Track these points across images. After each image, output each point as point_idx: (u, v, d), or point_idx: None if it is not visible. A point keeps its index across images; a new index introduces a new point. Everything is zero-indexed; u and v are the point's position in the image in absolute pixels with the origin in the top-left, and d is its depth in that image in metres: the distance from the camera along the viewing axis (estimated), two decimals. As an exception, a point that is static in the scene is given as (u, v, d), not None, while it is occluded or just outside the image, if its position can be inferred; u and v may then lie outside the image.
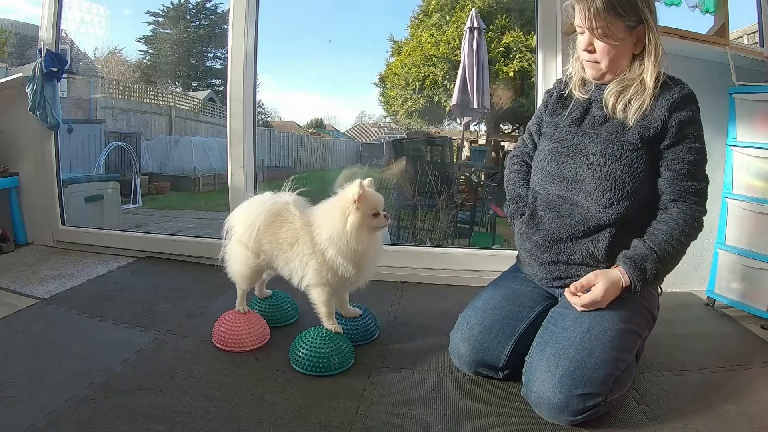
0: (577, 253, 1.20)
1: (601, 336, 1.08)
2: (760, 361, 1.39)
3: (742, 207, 1.72)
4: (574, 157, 1.21)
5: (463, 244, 3.15)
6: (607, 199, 1.15)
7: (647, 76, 1.15)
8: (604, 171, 1.15)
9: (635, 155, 1.15)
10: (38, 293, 1.83)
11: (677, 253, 1.13)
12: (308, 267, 1.32)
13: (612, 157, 1.15)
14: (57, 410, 1.09)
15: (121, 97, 6.95)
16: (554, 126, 1.30)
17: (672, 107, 1.14)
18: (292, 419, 1.09)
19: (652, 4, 1.17)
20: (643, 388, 1.23)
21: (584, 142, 1.21)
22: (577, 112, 1.26)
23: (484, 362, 1.23)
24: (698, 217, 1.16)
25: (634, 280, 1.10)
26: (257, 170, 2.29)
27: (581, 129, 1.24)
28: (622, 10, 1.11)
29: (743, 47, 2.15)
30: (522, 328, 1.22)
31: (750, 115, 1.71)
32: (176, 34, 8.61)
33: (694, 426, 1.08)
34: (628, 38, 1.15)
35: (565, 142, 1.25)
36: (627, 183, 1.14)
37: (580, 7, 1.15)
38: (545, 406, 1.06)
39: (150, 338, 1.48)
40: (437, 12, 6.24)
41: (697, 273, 1.97)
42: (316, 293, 1.35)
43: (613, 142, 1.17)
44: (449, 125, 6.66)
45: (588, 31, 1.15)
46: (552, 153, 1.26)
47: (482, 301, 1.31)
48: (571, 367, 1.05)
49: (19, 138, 2.51)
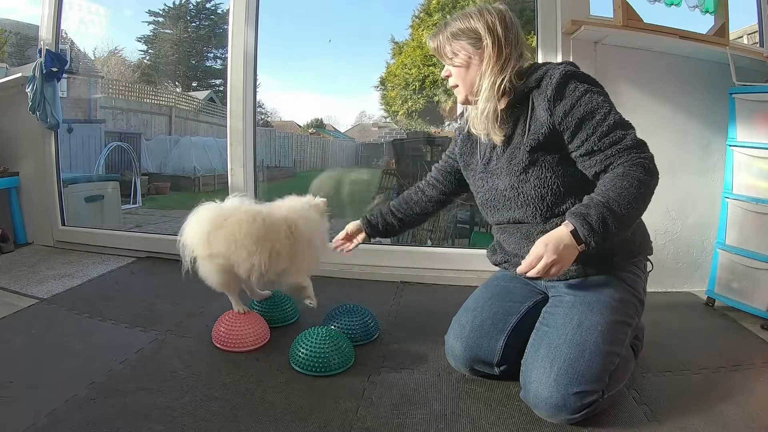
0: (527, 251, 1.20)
1: (591, 331, 1.08)
2: (760, 361, 1.39)
3: (742, 207, 1.72)
4: (494, 200, 1.26)
5: (463, 244, 3.15)
6: (540, 216, 1.18)
7: (484, 82, 1.17)
8: (521, 199, 1.19)
9: (534, 169, 1.16)
10: (38, 293, 1.83)
11: (626, 194, 1.01)
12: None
13: (519, 183, 1.18)
14: (57, 410, 1.09)
15: (121, 97, 6.95)
16: (472, 173, 1.34)
17: (550, 104, 1.12)
18: (292, 419, 1.09)
19: (498, 24, 1.16)
20: (643, 388, 1.23)
21: (495, 182, 1.25)
22: (486, 153, 1.29)
23: (479, 359, 1.24)
24: (640, 161, 1.04)
25: (577, 225, 1.01)
26: (257, 170, 2.29)
27: (490, 169, 1.27)
28: (462, 34, 1.19)
29: (743, 47, 2.15)
30: (513, 322, 1.23)
31: (750, 115, 1.71)
32: (176, 34, 8.61)
33: (694, 426, 1.08)
34: (474, 57, 1.19)
35: (483, 189, 1.29)
36: (545, 195, 1.15)
37: (431, 43, 1.25)
38: (543, 407, 1.06)
39: (150, 338, 1.48)
40: (438, 12, 6.24)
41: (697, 273, 1.97)
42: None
43: (512, 170, 1.19)
44: (449, 125, 6.66)
45: (440, 58, 1.24)
46: (482, 205, 1.32)
47: (472, 300, 1.33)
48: (565, 365, 1.05)
49: (19, 138, 2.51)
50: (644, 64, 1.90)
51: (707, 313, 1.78)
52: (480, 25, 1.17)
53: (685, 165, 1.92)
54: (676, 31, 1.84)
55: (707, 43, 1.88)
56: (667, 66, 1.91)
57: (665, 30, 1.84)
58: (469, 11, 1.20)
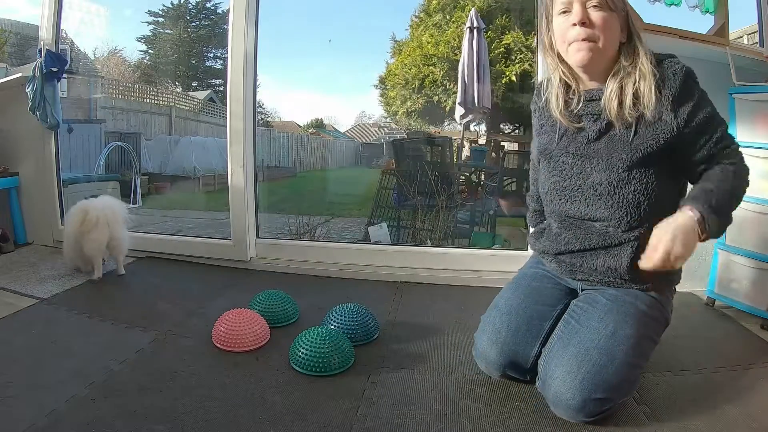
0: (594, 261, 1.17)
1: (624, 342, 1.06)
2: (760, 361, 1.39)
3: (742, 207, 1.70)
4: (580, 190, 1.16)
5: (463, 244, 3.15)
6: (625, 224, 1.11)
7: (644, 60, 1.07)
8: (614, 199, 1.10)
9: (644, 172, 1.09)
10: (38, 293, 1.82)
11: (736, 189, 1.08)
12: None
13: (620, 182, 1.10)
14: (57, 410, 1.09)
15: (121, 97, 6.95)
16: (548, 154, 1.24)
17: (675, 105, 1.06)
18: (292, 419, 1.09)
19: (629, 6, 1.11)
20: (643, 388, 1.23)
21: (586, 170, 1.14)
22: (569, 133, 1.19)
23: (513, 364, 1.21)
24: (742, 164, 1.11)
25: (704, 213, 1.00)
26: (257, 170, 2.29)
27: (577, 152, 1.16)
28: None
29: (743, 47, 2.15)
30: (547, 328, 1.20)
31: (750, 115, 1.71)
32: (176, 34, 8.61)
33: (694, 426, 1.08)
34: (617, 22, 1.08)
35: (564, 174, 1.19)
36: (642, 202, 1.09)
37: None
38: (562, 407, 1.06)
39: (150, 338, 1.48)
40: (438, 12, 6.24)
41: (697, 273, 1.97)
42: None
43: (616, 166, 1.10)
44: (449, 125, 6.66)
45: (580, 3, 1.06)
46: (555, 189, 1.21)
47: (505, 301, 1.27)
48: (593, 371, 1.03)
49: (19, 138, 2.51)
50: (644, 64, 1.90)
51: (707, 313, 1.78)
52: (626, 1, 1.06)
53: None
54: (676, 31, 1.84)
55: (707, 43, 1.88)
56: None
57: (665, 30, 1.84)
58: None
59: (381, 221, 3.39)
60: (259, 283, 1.99)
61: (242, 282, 2.05)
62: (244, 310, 1.49)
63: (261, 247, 2.26)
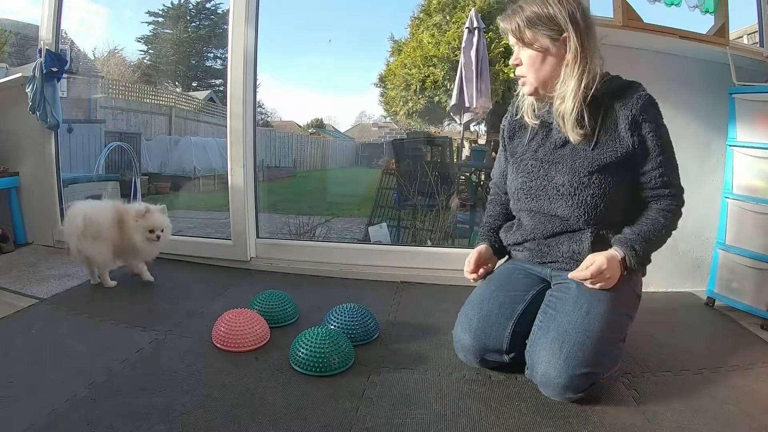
0: (559, 248, 1.26)
1: (599, 319, 1.14)
2: (760, 361, 1.39)
3: (742, 207, 1.72)
4: (544, 189, 1.26)
5: (463, 244, 3.15)
6: (583, 221, 1.22)
7: (568, 85, 1.16)
8: (575, 199, 1.21)
9: (602, 178, 1.19)
10: (38, 293, 1.82)
11: (661, 237, 1.22)
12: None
13: (580, 186, 1.20)
14: (57, 410, 1.09)
15: (121, 97, 6.94)
16: (519, 157, 1.34)
17: (633, 121, 1.16)
18: (292, 419, 1.09)
19: (578, 15, 1.15)
20: (643, 388, 1.23)
21: (550, 173, 1.25)
22: (538, 138, 1.29)
23: (488, 348, 1.26)
24: (676, 212, 1.23)
25: (629, 255, 1.18)
26: (257, 170, 2.29)
27: (545, 157, 1.27)
28: (540, 22, 1.16)
29: (743, 47, 2.15)
30: (520, 309, 1.26)
31: (750, 115, 1.71)
32: (176, 34, 8.61)
33: (694, 426, 1.08)
34: (552, 49, 1.17)
35: (531, 175, 1.28)
36: (599, 204, 1.20)
37: (503, 24, 1.22)
38: (551, 386, 1.12)
39: (150, 338, 1.48)
40: (439, 12, 6.23)
41: (697, 273, 1.97)
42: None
43: (578, 171, 1.20)
44: (449, 125, 6.66)
45: (516, 44, 1.21)
46: (522, 189, 1.30)
47: (477, 294, 1.35)
48: (574, 349, 1.11)
49: (19, 138, 2.51)
50: (644, 64, 1.90)
51: (707, 313, 1.78)
52: (561, 15, 1.14)
53: (685, 165, 1.89)
54: (676, 31, 1.85)
55: (707, 43, 1.88)
56: (667, 66, 1.91)
57: (665, 30, 1.85)
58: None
59: (381, 221, 3.39)
60: (259, 283, 1.99)
61: (242, 282, 2.05)
62: (244, 310, 1.49)
63: (261, 247, 2.26)
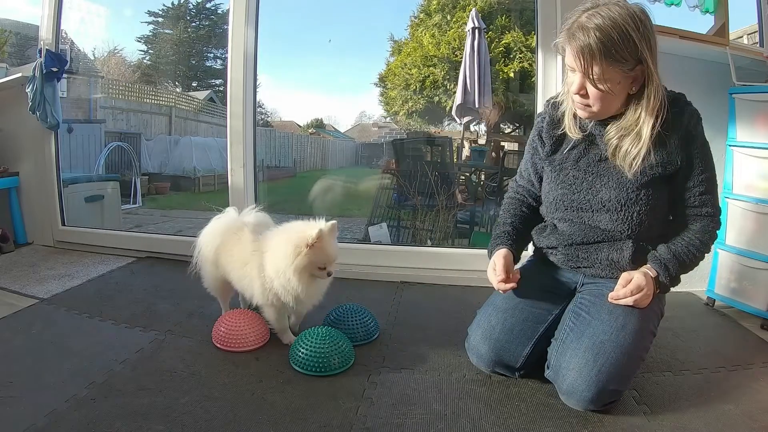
0: (598, 255, 1.22)
1: (633, 336, 1.11)
2: (760, 361, 1.39)
3: (742, 207, 1.72)
4: (588, 203, 1.20)
5: (463, 244, 3.15)
6: (627, 235, 1.18)
7: (644, 127, 1.09)
8: (621, 215, 1.16)
9: (649, 194, 1.15)
10: (38, 293, 1.82)
11: (695, 259, 1.19)
12: (255, 288, 1.39)
13: (628, 201, 1.15)
14: (57, 410, 1.09)
15: (121, 97, 6.95)
16: (558, 165, 1.25)
17: (685, 140, 1.13)
18: (292, 419, 1.09)
19: (652, 39, 1.07)
20: (643, 388, 1.23)
21: (595, 186, 1.19)
22: (580, 147, 1.22)
23: (503, 362, 1.24)
24: (713, 234, 1.21)
25: (662, 275, 1.15)
26: (257, 170, 2.29)
27: (588, 168, 1.20)
28: (619, 55, 1.03)
29: (743, 47, 2.15)
30: (541, 330, 1.23)
31: (750, 115, 1.71)
32: (176, 34, 8.62)
33: (694, 426, 1.08)
34: (624, 82, 1.09)
35: (574, 188, 1.22)
36: (644, 220, 1.16)
37: (572, 49, 1.06)
38: (576, 397, 1.10)
39: (150, 338, 1.48)
40: (438, 12, 6.24)
41: (697, 273, 1.94)
42: (265, 311, 1.44)
43: (626, 186, 1.15)
44: (449, 125, 6.67)
45: (581, 75, 1.08)
46: (563, 200, 1.23)
47: (502, 299, 1.29)
48: (608, 364, 1.08)
49: (19, 138, 2.51)
50: (644, 64, 1.90)
51: (707, 313, 1.78)
52: (642, 45, 1.03)
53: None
54: (676, 31, 1.84)
55: (707, 43, 1.88)
56: (667, 66, 1.88)
57: (665, 30, 1.84)
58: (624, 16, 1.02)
59: (381, 221, 3.39)
60: (259, 283, 1.99)
61: (242, 282, 2.05)
62: (244, 310, 1.49)
63: (261, 247, 2.26)
